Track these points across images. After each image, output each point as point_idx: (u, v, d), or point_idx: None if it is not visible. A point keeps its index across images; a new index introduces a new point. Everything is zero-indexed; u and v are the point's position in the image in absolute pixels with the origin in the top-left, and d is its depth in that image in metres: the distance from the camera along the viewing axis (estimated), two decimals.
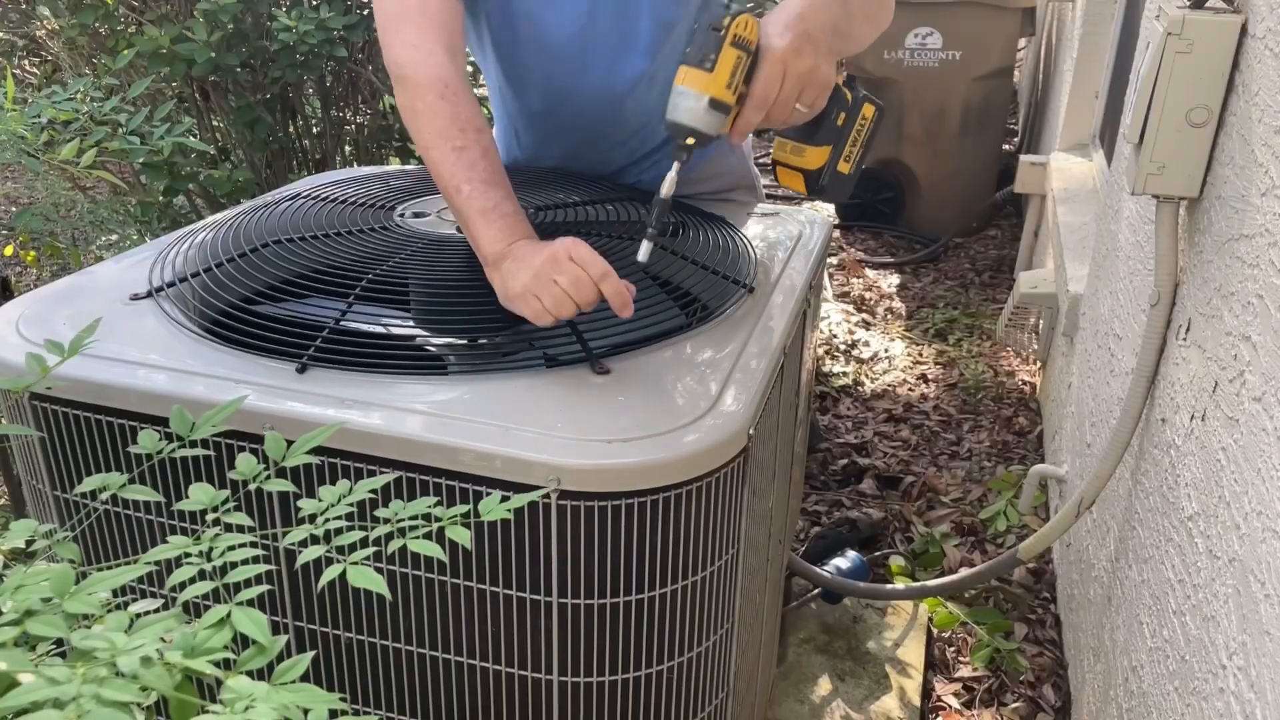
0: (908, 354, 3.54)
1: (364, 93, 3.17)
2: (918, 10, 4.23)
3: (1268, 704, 0.94)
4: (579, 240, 1.12)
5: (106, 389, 1.08)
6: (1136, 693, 1.42)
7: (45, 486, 1.17)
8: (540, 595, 1.02)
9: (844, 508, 2.65)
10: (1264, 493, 1.01)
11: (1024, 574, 2.37)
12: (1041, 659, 2.12)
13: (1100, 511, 1.82)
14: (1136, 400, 1.51)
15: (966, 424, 3.08)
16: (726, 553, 1.08)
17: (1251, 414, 1.07)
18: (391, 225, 1.36)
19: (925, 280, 4.19)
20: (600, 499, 0.97)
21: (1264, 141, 1.14)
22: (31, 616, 0.60)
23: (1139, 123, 1.34)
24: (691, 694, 1.12)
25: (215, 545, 0.68)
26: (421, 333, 1.18)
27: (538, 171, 1.66)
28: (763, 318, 1.27)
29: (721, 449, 1.01)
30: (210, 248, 1.34)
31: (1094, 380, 2.06)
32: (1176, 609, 1.27)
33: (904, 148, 4.50)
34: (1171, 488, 1.35)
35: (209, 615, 0.62)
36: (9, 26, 3.49)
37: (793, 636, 2.08)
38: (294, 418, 1.02)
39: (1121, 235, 1.93)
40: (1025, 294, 2.77)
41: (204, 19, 2.53)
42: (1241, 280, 1.16)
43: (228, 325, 1.17)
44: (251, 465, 0.77)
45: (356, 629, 1.11)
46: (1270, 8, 1.17)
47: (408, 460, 0.99)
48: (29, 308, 1.24)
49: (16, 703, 0.53)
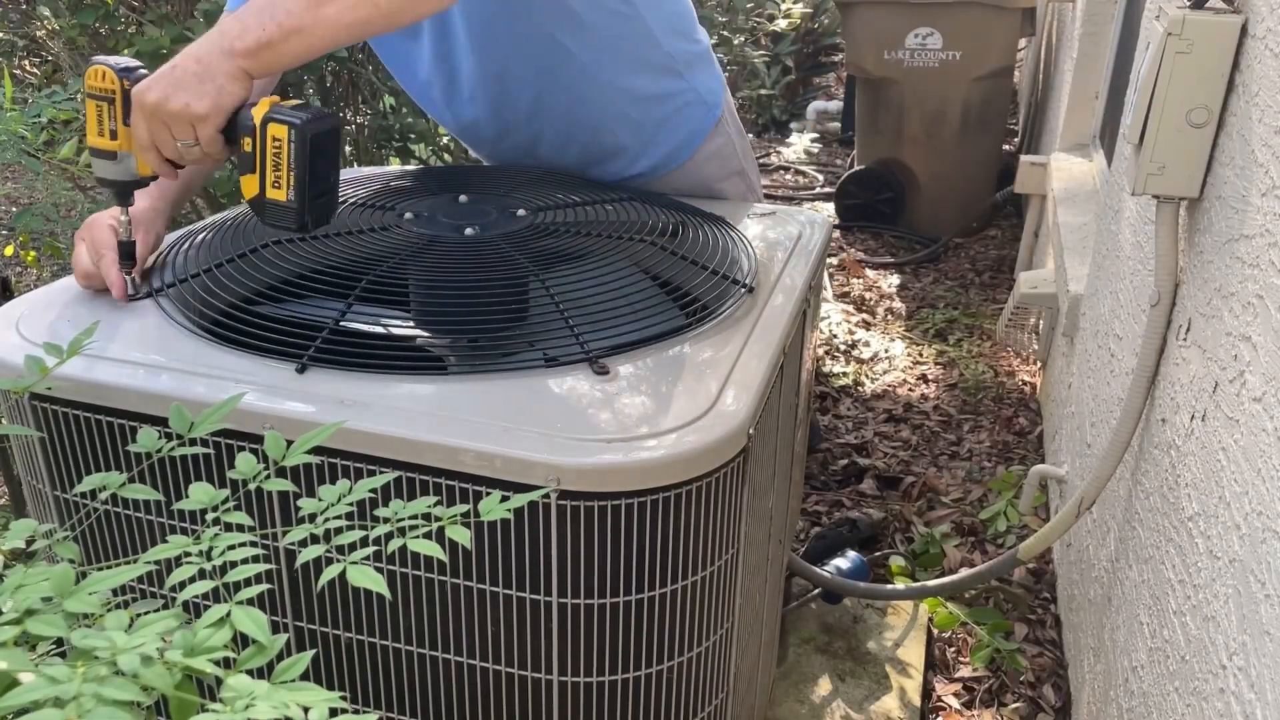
0: (908, 354, 3.54)
1: (364, 93, 3.17)
2: (918, 10, 4.23)
3: (1268, 704, 0.94)
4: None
5: (107, 389, 1.08)
6: (1137, 693, 1.42)
7: (45, 486, 1.17)
8: (540, 595, 1.02)
9: (844, 508, 2.65)
10: (1264, 493, 1.01)
11: (1024, 574, 2.37)
12: (1042, 659, 2.12)
13: (1100, 512, 1.82)
14: (1137, 400, 1.51)
15: (967, 424, 3.08)
16: (726, 553, 1.08)
17: (1252, 414, 1.07)
18: (391, 225, 1.36)
19: (925, 280, 4.19)
20: (600, 499, 0.97)
21: (1264, 142, 1.14)
22: (31, 616, 0.60)
23: (1139, 123, 1.34)
24: (691, 694, 1.12)
25: (215, 545, 0.68)
26: (421, 333, 1.18)
27: (539, 172, 1.66)
28: (763, 318, 1.27)
29: (721, 449, 1.01)
30: (210, 248, 1.34)
31: (1094, 380, 2.06)
32: (1177, 609, 1.27)
33: (904, 148, 4.50)
34: (1172, 488, 1.35)
35: (209, 614, 0.62)
36: (9, 26, 3.49)
37: (793, 636, 2.08)
38: (294, 417, 1.02)
39: (1122, 235, 1.93)
40: (1025, 294, 2.77)
41: (204, 19, 2.53)
42: (1242, 280, 1.16)
43: (228, 325, 1.17)
44: (251, 465, 0.78)
45: (356, 629, 1.11)
46: (1270, 8, 1.17)
47: (408, 460, 0.99)
48: (29, 308, 1.24)
49: (17, 702, 0.53)
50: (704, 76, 1.72)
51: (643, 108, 1.66)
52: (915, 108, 4.40)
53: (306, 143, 1.11)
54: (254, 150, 1.13)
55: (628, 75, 1.62)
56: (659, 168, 1.73)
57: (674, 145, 1.72)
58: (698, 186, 1.76)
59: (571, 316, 1.17)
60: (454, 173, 1.81)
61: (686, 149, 1.73)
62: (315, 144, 1.12)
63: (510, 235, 1.33)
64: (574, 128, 1.65)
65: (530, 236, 1.33)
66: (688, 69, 1.68)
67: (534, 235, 1.34)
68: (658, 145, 1.71)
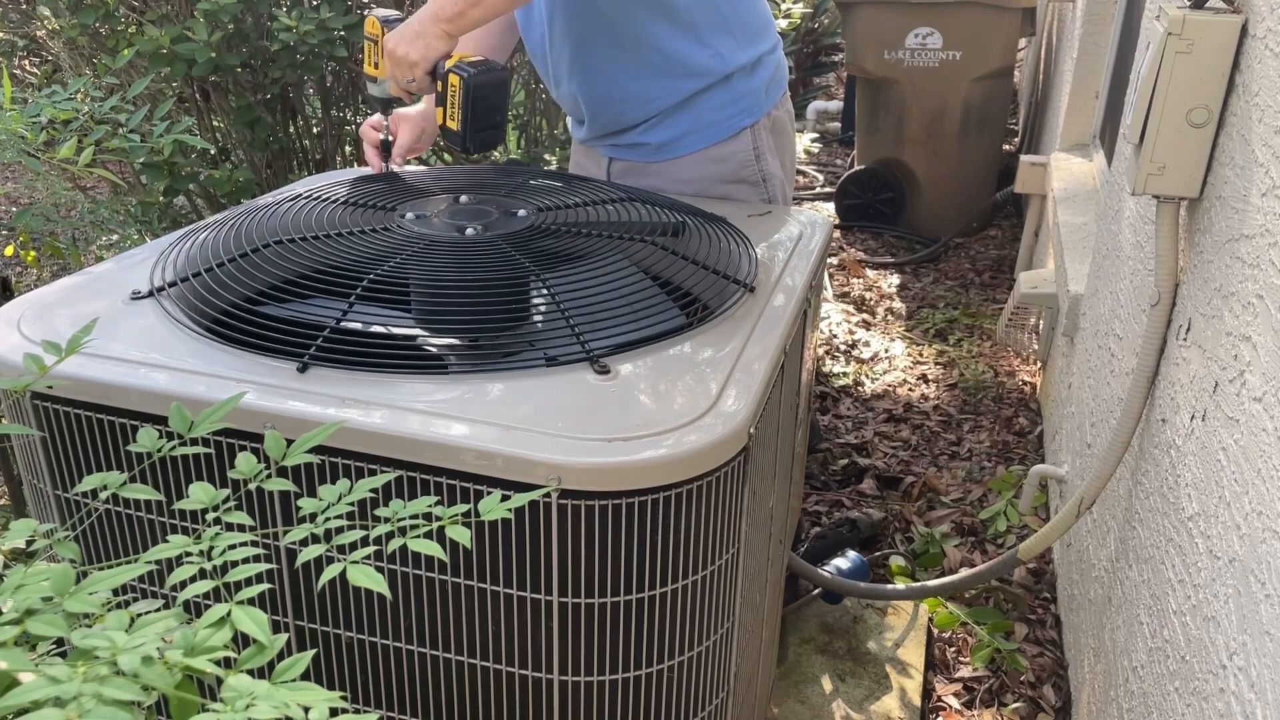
0: (908, 354, 3.54)
1: (364, 93, 3.17)
2: (918, 10, 4.23)
3: (1268, 704, 0.94)
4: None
5: (108, 388, 1.08)
6: (1137, 693, 1.42)
7: (46, 486, 1.17)
8: (540, 594, 1.02)
9: (844, 508, 2.65)
10: (1264, 493, 1.01)
11: (1024, 574, 2.37)
12: (1042, 659, 2.12)
13: (1100, 512, 1.82)
14: (1137, 400, 1.51)
15: (967, 424, 3.08)
16: (726, 552, 1.08)
17: (1252, 414, 1.07)
18: (393, 226, 1.37)
19: (925, 280, 4.19)
20: (601, 498, 0.97)
21: (1264, 141, 1.14)
22: (32, 616, 0.60)
23: (1139, 123, 1.34)
24: (691, 694, 1.12)
25: (215, 544, 0.68)
26: (422, 333, 1.18)
27: (539, 173, 1.67)
28: (763, 317, 1.27)
29: (722, 448, 1.01)
30: (211, 248, 1.34)
31: (1094, 380, 2.06)
32: (1177, 609, 1.27)
33: (904, 148, 4.50)
34: (1172, 488, 1.35)
35: (209, 614, 0.62)
36: (9, 26, 3.49)
37: (793, 636, 2.08)
38: (295, 417, 1.02)
39: (1122, 235, 1.93)
40: (1025, 294, 2.77)
41: (204, 19, 2.53)
42: (1242, 280, 1.16)
43: (229, 325, 1.17)
44: (252, 464, 0.78)
45: (357, 628, 1.11)
46: (1270, 8, 1.17)
47: (408, 459, 0.99)
48: (29, 307, 1.24)
49: (17, 701, 0.53)
50: (744, 82, 1.80)
51: (667, 78, 1.77)
52: (915, 108, 4.40)
53: (470, 91, 1.50)
54: (442, 91, 1.54)
55: (666, 39, 1.75)
56: (670, 146, 1.82)
57: (687, 129, 1.80)
58: (703, 180, 1.83)
59: (572, 316, 1.17)
60: (454, 173, 1.81)
61: (698, 139, 1.81)
62: (478, 91, 1.51)
63: (511, 235, 1.33)
64: (605, 79, 1.81)
65: (531, 237, 1.33)
66: (722, 62, 1.77)
67: (535, 235, 1.34)
68: (672, 124, 1.80)
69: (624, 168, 1.90)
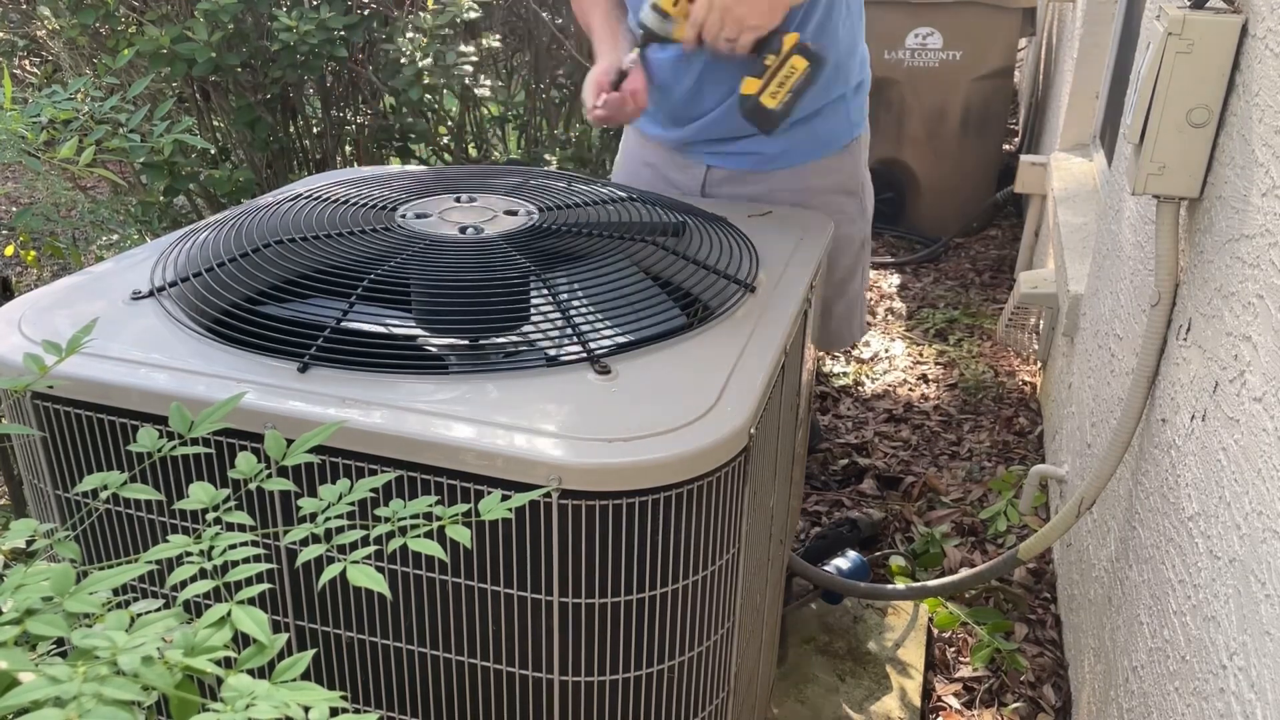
0: (908, 354, 3.54)
1: (364, 93, 3.17)
2: (918, 10, 4.23)
3: (1268, 704, 0.94)
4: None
5: (108, 388, 1.08)
6: (1137, 693, 1.42)
7: (47, 486, 1.17)
8: (541, 594, 1.02)
9: (844, 508, 2.65)
10: (1264, 493, 1.01)
11: (1024, 574, 2.37)
12: (1042, 659, 2.12)
13: (1100, 512, 1.82)
14: (1137, 400, 1.51)
15: (967, 424, 3.08)
16: (727, 552, 1.08)
17: (1252, 414, 1.07)
18: (393, 226, 1.36)
19: (925, 280, 4.19)
20: (601, 498, 0.97)
21: (1264, 141, 1.14)
22: (32, 615, 0.60)
23: (1139, 123, 1.34)
24: (691, 694, 1.12)
25: (215, 544, 0.68)
26: (422, 332, 1.18)
27: (540, 173, 1.67)
28: (763, 318, 1.27)
29: (722, 448, 1.01)
30: (211, 248, 1.34)
31: (1094, 380, 2.06)
32: (1177, 609, 1.27)
33: (904, 148, 4.50)
34: (1172, 488, 1.35)
35: (209, 614, 0.62)
36: (9, 26, 3.50)
37: (793, 637, 2.08)
38: (295, 417, 1.02)
39: (1122, 235, 1.93)
40: (1026, 294, 2.77)
41: (204, 19, 2.53)
42: (1242, 280, 1.16)
43: (229, 325, 1.17)
44: (252, 464, 0.78)
45: (357, 628, 1.11)
46: (1270, 8, 1.17)
47: (408, 459, 0.99)
48: (30, 307, 1.24)
49: (17, 701, 0.53)
50: (860, 100, 1.82)
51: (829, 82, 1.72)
52: (915, 108, 4.40)
53: (810, 79, 1.48)
54: (772, 65, 1.47)
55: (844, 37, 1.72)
56: (785, 155, 1.79)
57: (803, 139, 1.77)
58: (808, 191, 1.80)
59: (573, 317, 1.17)
60: (455, 173, 1.81)
61: (815, 149, 1.79)
62: (812, 80, 1.49)
63: (511, 235, 1.33)
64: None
65: (531, 237, 1.33)
66: (863, 69, 1.80)
67: (535, 235, 1.34)
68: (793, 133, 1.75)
69: (724, 175, 1.81)
